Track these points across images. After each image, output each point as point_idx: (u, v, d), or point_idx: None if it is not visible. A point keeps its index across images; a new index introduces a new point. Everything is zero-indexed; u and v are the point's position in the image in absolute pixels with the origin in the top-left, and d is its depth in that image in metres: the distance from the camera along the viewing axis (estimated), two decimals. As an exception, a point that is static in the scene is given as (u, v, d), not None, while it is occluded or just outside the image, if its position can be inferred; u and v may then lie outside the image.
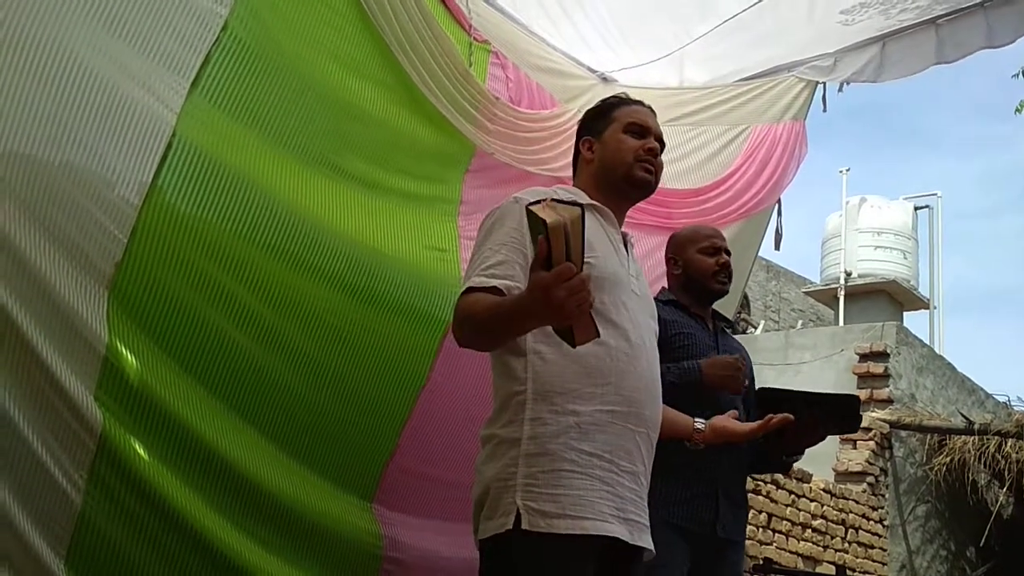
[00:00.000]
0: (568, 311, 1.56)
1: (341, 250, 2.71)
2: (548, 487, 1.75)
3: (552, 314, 1.59)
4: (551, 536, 1.72)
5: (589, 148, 2.08)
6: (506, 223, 1.88)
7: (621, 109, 2.10)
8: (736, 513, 2.56)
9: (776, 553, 5.29)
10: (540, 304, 1.57)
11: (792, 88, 4.12)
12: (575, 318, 1.58)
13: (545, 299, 1.55)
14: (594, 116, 2.13)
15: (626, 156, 2.03)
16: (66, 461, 2.14)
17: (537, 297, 1.57)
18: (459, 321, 1.82)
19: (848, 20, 3.78)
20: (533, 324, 1.70)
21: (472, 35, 3.28)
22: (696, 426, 2.30)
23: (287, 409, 2.64)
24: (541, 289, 1.55)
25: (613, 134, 2.06)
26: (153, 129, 2.30)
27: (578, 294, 1.54)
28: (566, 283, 1.53)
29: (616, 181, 2.03)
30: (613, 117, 2.09)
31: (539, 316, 1.63)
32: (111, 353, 2.20)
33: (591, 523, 1.75)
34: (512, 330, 1.77)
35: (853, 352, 7.02)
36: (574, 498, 1.75)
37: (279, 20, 2.64)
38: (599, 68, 3.95)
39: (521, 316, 1.67)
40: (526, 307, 1.63)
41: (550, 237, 1.52)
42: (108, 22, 2.23)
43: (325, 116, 2.77)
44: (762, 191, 4.14)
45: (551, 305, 1.55)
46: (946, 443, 6.95)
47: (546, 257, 1.54)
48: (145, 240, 2.28)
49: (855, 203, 9.48)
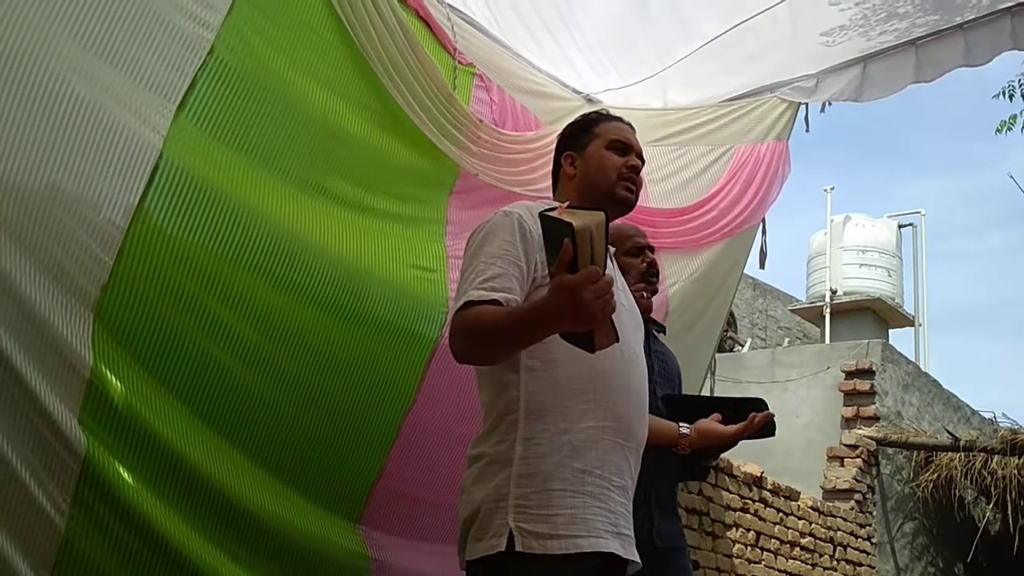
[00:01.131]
0: (594, 313, 1.56)
1: (327, 271, 2.72)
2: (541, 508, 1.73)
3: (578, 317, 1.58)
4: (545, 557, 1.71)
5: (571, 163, 2.08)
6: (499, 236, 1.86)
7: (603, 125, 2.11)
8: (671, 520, 2.57)
9: (765, 572, 5.28)
10: (566, 307, 1.57)
11: (775, 108, 4.17)
12: (599, 321, 1.58)
13: (572, 301, 1.55)
14: (576, 131, 2.13)
15: (610, 173, 2.03)
16: (50, 485, 2.13)
17: (563, 299, 1.56)
18: (461, 334, 1.78)
19: (829, 42, 3.83)
20: (555, 328, 1.66)
21: (457, 58, 3.31)
22: (682, 431, 2.31)
23: (273, 431, 2.63)
24: (569, 291, 1.55)
25: (596, 150, 2.06)
26: (139, 152, 2.30)
27: (603, 296, 1.55)
28: (594, 285, 1.54)
29: (598, 197, 2.02)
30: (596, 133, 2.09)
31: (563, 319, 1.61)
32: (96, 376, 2.20)
33: (586, 540, 1.74)
34: (530, 336, 1.73)
35: (839, 370, 7.05)
36: (567, 517, 1.74)
37: (265, 43, 2.66)
38: (584, 90, 3.98)
39: (543, 320, 1.65)
40: (550, 311, 1.61)
41: (576, 240, 1.53)
42: (94, 46, 2.24)
43: (310, 138, 2.78)
44: (746, 210, 4.18)
45: (579, 307, 1.55)
46: (932, 460, 6.97)
47: (571, 260, 1.55)
48: (131, 262, 2.28)
49: (840, 221, 9.54)
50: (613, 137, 2.07)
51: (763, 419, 2.29)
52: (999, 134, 5.84)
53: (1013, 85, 5.63)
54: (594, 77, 3.94)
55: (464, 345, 1.79)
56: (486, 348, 1.79)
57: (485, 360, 1.84)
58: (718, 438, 2.33)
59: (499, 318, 1.73)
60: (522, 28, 3.64)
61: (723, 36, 3.73)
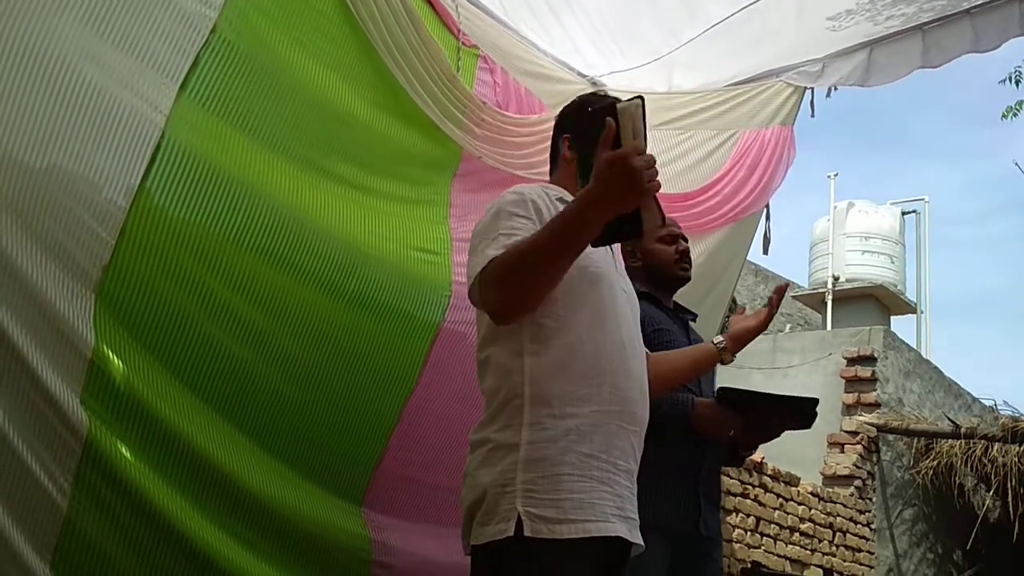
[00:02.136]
0: (642, 185, 1.55)
1: (330, 253, 2.71)
2: (549, 492, 1.73)
3: (630, 190, 1.56)
4: (554, 542, 1.70)
5: (568, 146, 2.06)
6: (511, 210, 1.83)
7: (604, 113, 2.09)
8: (714, 512, 2.58)
9: (764, 556, 5.30)
10: (616, 182, 1.55)
11: (780, 93, 4.14)
12: (647, 196, 1.57)
13: (623, 173, 1.54)
14: (575, 114, 2.10)
15: None
16: (52, 465, 2.13)
17: (613, 174, 1.55)
18: (496, 282, 1.73)
19: (835, 26, 3.80)
20: (604, 210, 1.60)
21: (460, 40, 3.28)
22: (719, 345, 2.37)
23: (275, 412, 2.63)
24: (619, 162, 1.54)
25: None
26: (141, 132, 2.29)
27: (651, 168, 1.55)
28: (641, 156, 1.54)
29: None
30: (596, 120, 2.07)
31: (613, 198, 1.58)
32: (97, 356, 2.19)
33: (594, 525, 1.74)
34: (576, 235, 1.65)
35: (841, 356, 7.04)
36: (575, 502, 1.73)
37: (268, 23, 2.64)
38: (588, 72, 3.96)
39: (591, 206, 1.60)
40: (597, 193, 1.59)
41: (619, 120, 1.53)
42: (95, 25, 2.22)
43: (313, 119, 2.76)
44: (751, 195, 4.16)
45: (630, 178, 1.54)
46: (933, 447, 6.96)
47: (615, 139, 1.54)
48: (132, 243, 2.28)
49: (843, 208, 9.50)
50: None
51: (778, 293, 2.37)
52: (1005, 120, 5.80)
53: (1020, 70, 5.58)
54: (599, 59, 3.91)
55: (502, 289, 1.73)
56: (528, 278, 1.71)
57: (529, 297, 1.75)
58: (750, 333, 2.40)
59: (533, 237, 1.69)
60: (526, 8, 3.62)
61: (729, 19, 3.70)
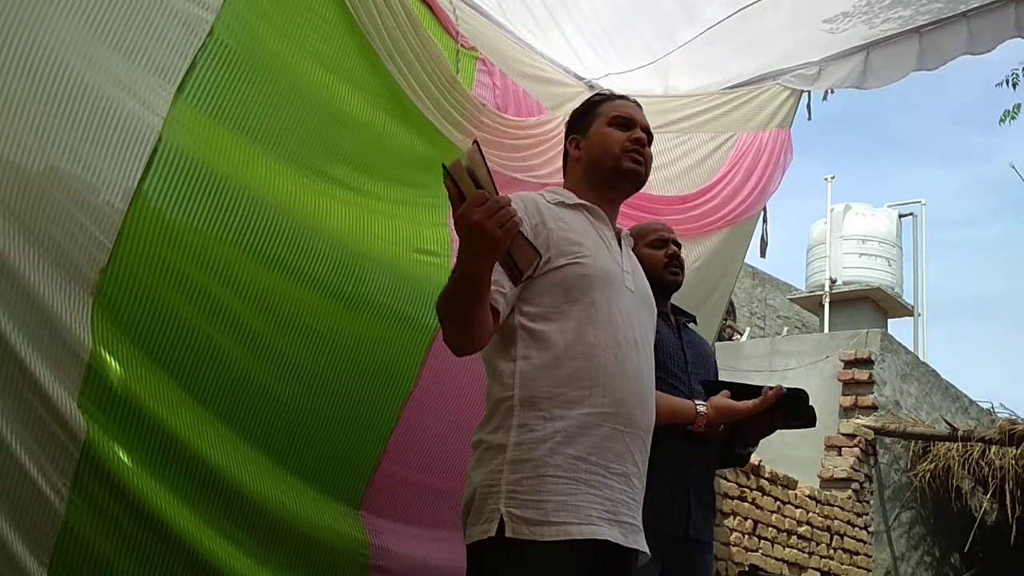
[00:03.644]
0: (492, 232, 1.59)
1: (328, 255, 2.71)
2: (532, 493, 1.73)
3: (481, 243, 1.60)
4: (535, 544, 1.71)
5: (576, 146, 2.07)
6: None
7: (605, 105, 2.10)
8: (705, 514, 2.56)
9: (762, 560, 5.29)
10: (467, 238, 1.60)
11: (777, 96, 4.15)
12: (504, 241, 1.61)
13: (467, 228, 1.59)
14: (579, 114, 2.13)
15: (612, 148, 2.02)
16: (49, 469, 2.12)
17: (462, 232, 1.60)
18: (440, 318, 1.79)
19: (832, 29, 3.81)
20: (477, 266, 1.65)
21: (459, 42, 3.28)
22: (699, 410, 2.31)
23: (273, 415, 2.62)
24: (460, 220, 1.59)
25: (598, 129, 2.05)
26: (139, 134, 2.29)
27: (496, 214, 1.58)
28: (481, 207, 1.57)
29: (605, 174, 2.02)
30: (597, 113, 2.08)
31: (474, 252, 1.63)
32: (95, 360, 2.19)
33: (576, 528, 1.73)
34: (469, 287, 1.69)
35: (838, 359, 7.04)
36: (558, 504, 1.73)
37: (265, 25, 2.64)
38: (586, 75, 3.96)
39: (463, 262, 1.66)
40: (462, 251, 1.64)
41: (453, 174, 1.58)
42: (93, 27, 2.22)
43: (312, 121, 2.76)
44: (748, 198, 4.16)
45: (474, 232, 1.58)
46: (930, 450, 6.97)
47: (457, 196, 1.59)
48: (130, 245, 2.27)
49: (840, 211, 9.52)
50: (615, 114, 2.07)
51: (775, 394, 2.30)
52: (1003, 124, 5.78)
53: (1017, 73, 5.57)
54: (596, 61, 3.92)
55: (444, 329, 1.80)
56: (452, 321, 1.77)
57: (464, 337, 1.78)
58: (735, 413, 2.34)
59: (445, 286, 1.75)
60: (524, 11, 3.62)
61: (726, 21, 3.70)
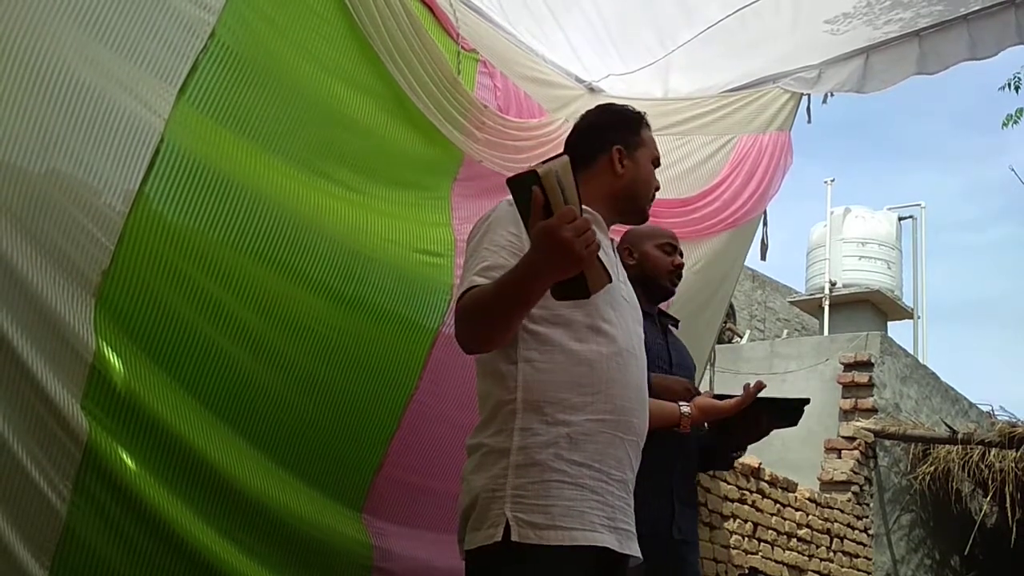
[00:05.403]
0: (578, 252, 1.55)
1: (330, 257, 2.70)
2: (538, 498, 1.73)
3: (562, 260, 1.57)
4: (541, 548, 1.71)
5: (620, 160, 2.06)
6: (502, 226, 1.86)
7: (646, 133, 2.14)
8: (689, 514, 2.57)
9: (761, 563, 5.29)
10: (549, 252, 1.56)
11: (777, 99, 4.15)
12: (586, 261, 1.57)
13: (552, 243, 1.54)
14: (624, 126, 2.11)
15: (648, 191, 2.11)
16: (51, 470, 2.12)
17: (544, 245, 1.56)
18: (465, 316, 1.77)
19: (833, 30, 3.81)
20: (544, 278, 1.64)
21: (460, 44, 3.29)
22: (683, 410, 2.31)
23: (275, 418, 2.62)
24: (548, 234, 1.54)
25: (644, 161, 2.09)
26: (140, 136, 2.28)
27: (585, 234, 1.54)
28: (572, 224, 1.53)
29: (629, 209, 2.09)
30: (643, 139, 2.11)
31: (550, 267, 1.60)
32: (98, 361, 2.19)
33: (581, 534, 1.73)
34: (523, 296, 1.69)
35: (838, 362, 7.04)
36: (564, 509, 1.73)
37: (267, 27, 2.64)
38: (586, 77, 3.96)
39: (532, 273, 1.63)
40: (535, 262, 1.61)
41: (544, 184, 1.53)
42: (95, 29, 2.22)
43: (313, 123, 2.76)
44: (749, 201, 4.16)
45: (561, 248, 1.54)
46: (930, 452, 6.97)
47: (543, 206, 1.54)
48: (132, 247, 2.27)
49: (840, 213, 9.54)
50: (655, 154, 2.13)
51: (756, 387, 2.31)
52: (1005, 128, 5.77)
53: (1019, 77, 5.58)
54: (597, 63, 3.92)
55: (467, 328, 1.78)
56: (485, 324, 1.76)
57: (487, 340, 1.79)
58: (718, 412, 2.34)
59: (491, 287, 1.72)
60: (525, 13, 3.62)
61: (725, 20, 3.70)
